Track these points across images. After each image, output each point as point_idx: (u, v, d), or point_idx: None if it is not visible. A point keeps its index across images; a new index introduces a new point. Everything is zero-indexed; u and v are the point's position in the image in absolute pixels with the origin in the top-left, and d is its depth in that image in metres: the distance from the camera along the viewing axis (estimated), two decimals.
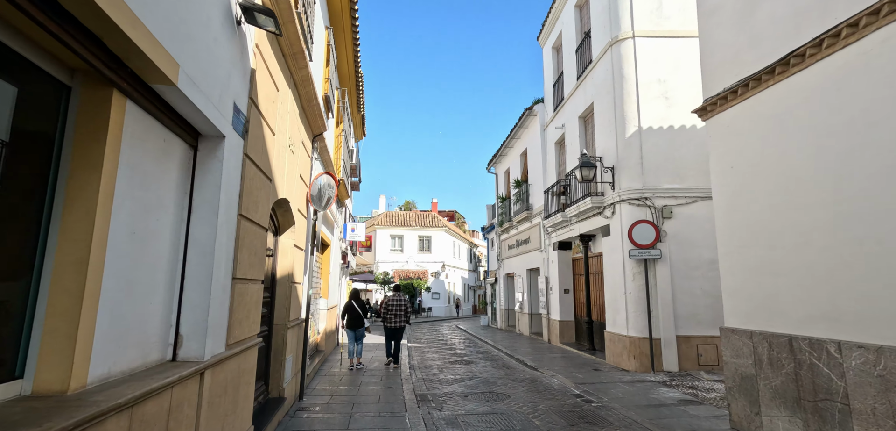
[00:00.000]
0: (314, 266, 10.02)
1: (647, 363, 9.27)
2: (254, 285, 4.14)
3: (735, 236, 5.52)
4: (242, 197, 3.67)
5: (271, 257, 5.81)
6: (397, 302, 10.34)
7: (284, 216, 5.98)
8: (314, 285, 10.19)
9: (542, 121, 16.60)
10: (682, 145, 9.97)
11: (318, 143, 7.88)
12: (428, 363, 11.40)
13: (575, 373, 9.35)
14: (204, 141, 3.17)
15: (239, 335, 3.71)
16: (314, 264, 9.73)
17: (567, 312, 14.52)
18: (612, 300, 10.52)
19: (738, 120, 5.48)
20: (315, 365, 9.30)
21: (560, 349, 13.45)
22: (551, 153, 15.60)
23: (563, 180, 13.63)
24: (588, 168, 10.45)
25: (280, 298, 6.02)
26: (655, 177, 9.91)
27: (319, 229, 7.30)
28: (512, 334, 18.99)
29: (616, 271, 10.34)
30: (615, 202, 10.38)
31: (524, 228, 18.30)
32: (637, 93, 10.19)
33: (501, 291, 22.38)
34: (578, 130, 13.00)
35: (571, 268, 14.77)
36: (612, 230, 10.57)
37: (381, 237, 36.50)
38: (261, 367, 5.51)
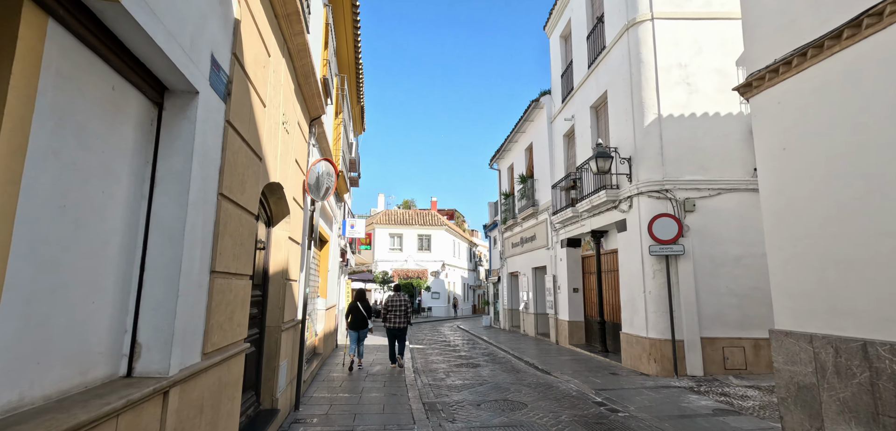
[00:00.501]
0: (312, 263, 9.36)
1: (670, 367, 8.63)
2: (240, 281, 3.48)
3: (788, 226, 4.88)
4: (224, 173, 3.01)
5: (263, 251, 5.14)
6: (398, 302, 9.92)
7: (278, 205, 5.31)
8: (311, 283, 9.53)
9: (549, 113, 15.96)
10: (705, 134, 9.33)
11: (315, 128, 7.22)
12: (432, 366, 10.75)
13: (592, 378, 8.71)
14: (172, 97, 2.51)
15: (220, 342, 3.05)
16: (312, 260, 9.07)
17: (576, 312, 13.89)
18: (629, 300, 9.89)
19: (792, 94, 4.83)
20: (313, 369, 8.64)
21: (570, 351, 12.81)
22: (559, 147, 14.96)
23: (573, 173, 13.00)
24: (604, 159, 9.80)
25: (273, 297, 5.36)
26: (676, 168, 9.28)
27: (317, 222, 6.65)
28: (516, 334, 18.35)
29: (633, 268, 9.70)
30: (632, 195, 9.74)
31: (529, 225, 17.66)
32: (656, 78, 9.56)
33: (505, 290, 21.74)
34: (590, 121, 12.36)
35: (581, 266, 14.14)
36: (629, 225, 9.93)
37: (380, 236, 35.82)
38: (250, 375, 4.84)
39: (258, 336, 5.12)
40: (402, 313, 9.83)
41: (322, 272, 10.72)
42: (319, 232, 9.51)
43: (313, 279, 9.63)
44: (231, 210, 3.19)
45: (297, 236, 6.01)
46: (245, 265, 3.60)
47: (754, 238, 8.94)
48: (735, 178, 9.18)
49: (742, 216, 9.04)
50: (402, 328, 9.84)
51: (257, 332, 5.09)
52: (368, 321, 9.65)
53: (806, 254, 4.65)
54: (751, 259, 8.88)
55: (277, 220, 5.47)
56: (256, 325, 5.07)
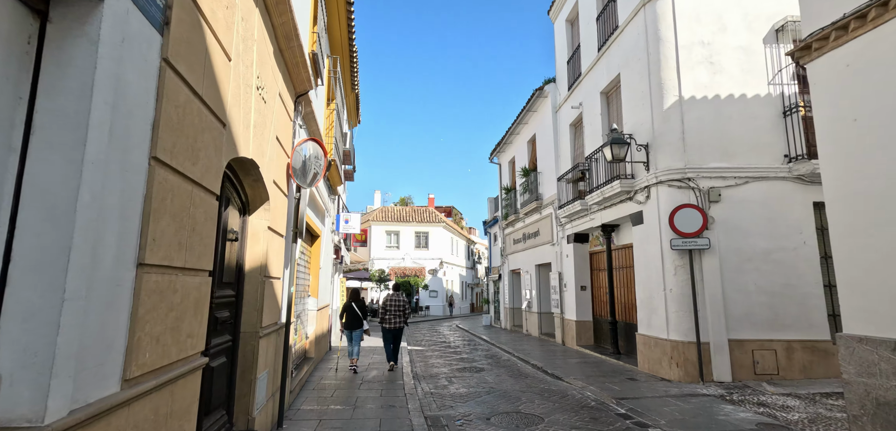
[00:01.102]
0: (301, 259, 8.54)
1: (694, 372, 7.87)
2: (191, 277, 2.67)
3: (861, 211, 4.10)
4: (161, 131, 2.20)
5: (236, 243, 4.33)
6: (395, 302, 9.58)
7: (254, 189, 4.50)
8: (301, 281, 8.71)
9: (555, 102, 15.18)
10: (731, 118, 8.56)
11: (303, 106, 6.40)
12: (433, 370, 9.95)
13: (608, 384, 7.94)
14: (61, 7, 1.69)
15: (155, 361, 2.24)
16: (299, 255, 8.25)
17: (584, 311, 13.12)
18: (647, 299, 9.12)
19: (868, 55, 4.05)
20: (302, 377, 7.83)
21: (578, 352, 12.04)
22: (565, 137, 14.17)
23: (582, 164, 12.23)
24: (619, 145, 9.02)
25: (249, 297, 4.55)
26: (700, 155, 8.51)
27: (304, 210, 5.85)
28: (519, 335, 17.59)
29: (651, 264, 8.93)
30: (650, 185, 8.96)
31: (532, 220, 16.89)
32: (676, 57, 8.78)
33: (506, 288, 20.96)
34: (600, 108, 11.58)
35: (589, 263, 13.37)
36: (646, 217, 9.16)
37: (377, 233, 34.99)
38: (220, 392, 4.03)
39: (230, 344, 4.31)
40: (400, 313, 9.49)
41: (313, 270, 9.91)
42: (309, 225, 8.70)
43: (302, 277, 8.81)
44: (174, 183, 2.38)
45: (279, 226, 5.19)
46: (200, 258, 2.79)
47: (785, 231, 8.19)
48: (763, 165, 8.41)
49: (771, 207, 8.28)
50: (399, 328, 9.51)
51: (229, 339, 4.27)
52: (364, 322, 9.31)
53: (885, 245, 3.87)
54: (781, 254, 8.13)
55: (254, 207, 4.65)
56: (228, 331, 4.25)
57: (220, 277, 3.87)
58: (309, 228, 9.08)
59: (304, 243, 8.97)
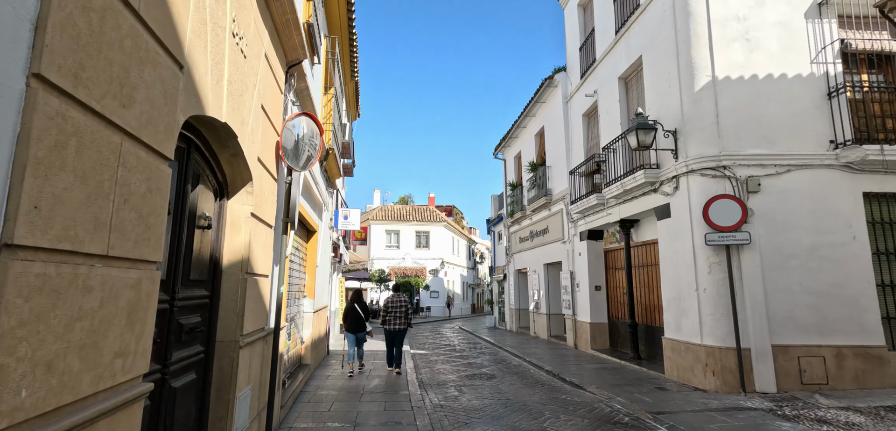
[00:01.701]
0: (295, 256, 7.72)
1: (734, 381, 7.06)
2: (120, 270, 1.86)
3: None
4: (51, 34, 1.39)
5: (208, 231, 3.51)
6: (397, 303, 9.15)
7: (233, 166, 3.68)
8: (295, 281, 7.89)
9: (565, 92, 14.38)
10: (771, 100, 7.76)
11: (295, 79, 5.58)
12: (440, 377, 9.13)
13: (637, 394, 7.13)
14: None
15: (43, 401, 1.42)
16: (293, 251, 7.43)
17: (599, 313, 12.31)
18: (675, 299, 8.31)
19: None
20: (296, 387, 7.01)
21: (594, 357, 11.23)
22: (577, 128, 13.37)
23: (597, 156, 11.43)
24: (645, 131, 8.21)
25: (227, 298, 3.72)
26: (736, 140, 7.70)
27: (297, 198, 5.03)
28: (526, 337, 16.78)
29: (681, 261, 8.13)
30: (680, 174, 8.16)
31: (541, 217, 16.08)
32: (709, 34, 7.97)
33: (511, 289, 20.15)
34: (618, 94, 10.78)
35: (603, 261, 12.56)
36: (675, 210, 8.35)
37: (376, 233, 34.17)
38: (187, 419, 3.21)
39: (202, 357, 3.49)
40: (402, 314, 9.07)
41: (309, 268, 9.08)
42: (304, 219, 7.88)
43: (297, 276, 7.99)
44: (82, 125, 1.56)
45: (266, 214, 4.37)
46: (139, 244, 1.98)
47: (832, 224, 7.40)
48: (807, 152, 7.61)
49: (816, 198, 7.48)
50: (401, 330, 9.05)
51: (200, 351, 3.45)
52: (367, 323, 9.01)
53: None
54: (828, 249, 7.33)
55: (234, 189, 3.83)
56: (199, 340, 3.44)
57: (184, 273, 3.06)
58: (304, 222, 8.27)
59: (298, 239, 8.15)
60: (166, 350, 2.82)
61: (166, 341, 2.82)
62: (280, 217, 4.98)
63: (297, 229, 8.21)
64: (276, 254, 4.96)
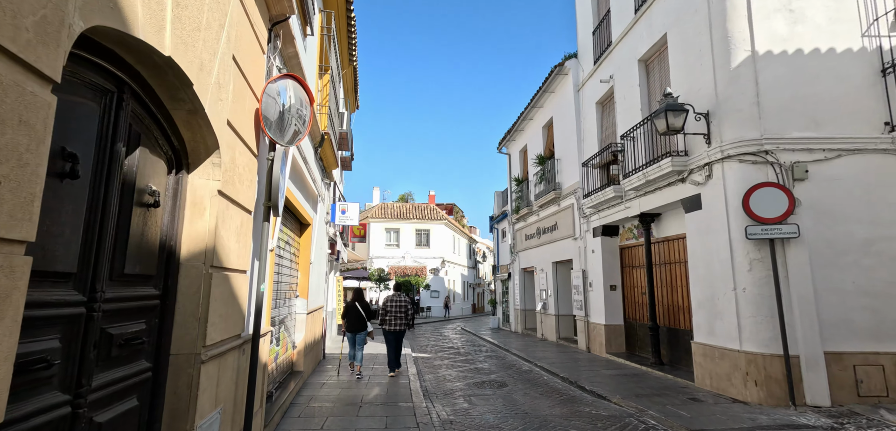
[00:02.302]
0: (285, 250, 6.89)
1: (781, 393, 6.24)
2: None
3: None
4: None
5: (157, 209, 2.68)
6: (397, 303, 8.89)
7: (192, 129, 2.85)
8: (285, 279, 7.06)
9: (577, 80, 13.56)
10: (818, 77, 6.95)
11: (281, 41, 4.76)
12: (446, 385, 8.31)
13: (670, 407, 6.32)
14: None
15: None
16: (282, 244, 6.60)
17: (614, 314, 11.50)
18: (707, 300, 7.49)
19: None
20: (287, 398, 6.19)
21: (610, 362, 10.42)
22: (590, 117, 12.55)
23: (613, 145, 10.61)
24: (675, 113, 7.39)
25: (186, 298, 2.90)
26: (779, 122, 6.89)
27: (281, 179, 4.21)
28: (533, 339, 15.96)
29: (714, 258, 7.31)
30: (713, 161, 7.34)
31: (549, 213, 15.26)
32: (748, 4, 7.15)
33: (516, 288, 19.33)
34: (638, 78, 9.96)
35: (619, 258, 11.75)
36: (707, 202, 7.54)
37: (376, 231, 33.33)
38: None
39: (150, 376, 2.66)
40: (402, 314, 8.85)
41: (302, 265, 8.25)
42: (298, 211, 7.06)
43: (287, 273, 7.16)
44: None
45: (243, 196, 3.55)
46: None
47: (890, 216, 6.58)
48: (860, 135, 6.80)
49: (871, 186, 6.67)
50: (401, 330, 8.82)
51: (147, 369, 2.63)
52: (368, 323, 8.68)
53: None
54: (885, 244, 6.52)
55: (196, 159, 3.01)
56: (145, 355, 2.61)
57: (114, 265, 2.24)
58: (297, 214, 7.45)
59: (290, 232, 7.32)
60: (81, 372, 2.00)
61: (81, 359, 2.00)
62: (261, 201, 4.16)
63: (290, 222, 7.38)
64: (257, 246, 4.14)
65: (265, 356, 4.62)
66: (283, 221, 6.79)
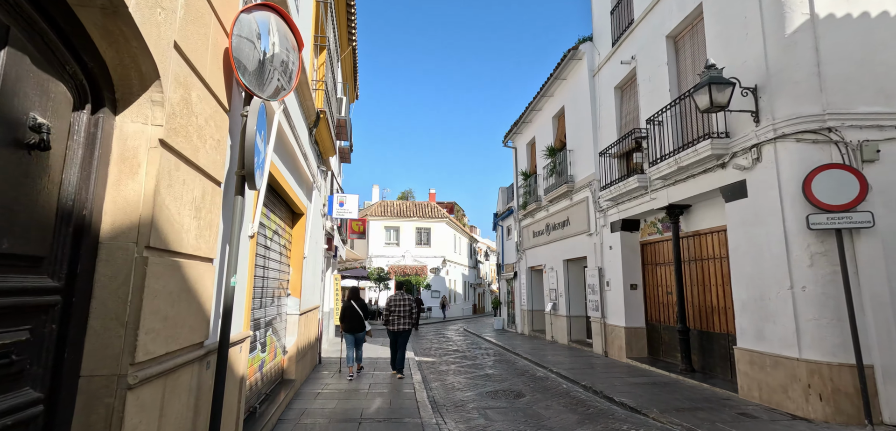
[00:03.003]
0: (274, 240, 5.97)
1: (852, 409, 5.34)
2: None
3: None
4: None
5: (46, 151, 1.76)
6: (401, 302, 8.68)
7: (116, 44, 1.93)
8: (274, 274, 6.13)
9: (592, 64, 12.66)
10: (888, 45, 6.04)
11: None
12: (456, 395, 7.40)
13: (720, 425, 5.41)
14: None
15: None
16: (271, 234, 5.66)
17: (635, 316, 10.59)
18: (755, 300, 6.59)
19: None
20: (274, 413, 5.27)
21: (632, 368, 9.51)
22: (608, 103, 11.65)
23: (636, 131, 9.71)
24: (720, 87, 6.47)
25: (106, 294, 1.98)
26: (844, 96, 5.98)
27: (264, 147, 3.30)
28: (541, 341, 15.05)
29: (764, 252, 6.41)
30: (764, 141, 6.43)
31: (560, 207, 14.35)
32: None
33: (523, 288, 18.42)
34: (665, 56, 9.06)
35: (640, 255, 10.85)
36: (753, 188, 6.64)
37: (375, 229, 32.39)
38: None
39: (41, 409, 1.74)
40: (407, 314, 8.64)
41: (294, 260, 7.32)
42: (287, 193, 6.13)
43: (276, 267, 6.22)
44: None
45: (203, 157, 2.63)
46: None
47: None
48: None
49: None
50: (405, 330, 8.60)
51: (35, 401, 1.71)
52: (366, 323, 8.42)
53: None
54: None
55: (127, 96, 2.09)
56: (31, 380, 1.69)
57: None
58: (289, 200, 6.53)
59: (279, 220, 6.40)
60: None
61: None
62: (234, 169, 3.24)
63: (280, 208, 6.46)
64: (228, 227, 3.21)
65: (242, 367, 3.70)
66: (272, 207, 5.87)
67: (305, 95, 6.50)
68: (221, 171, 2.97)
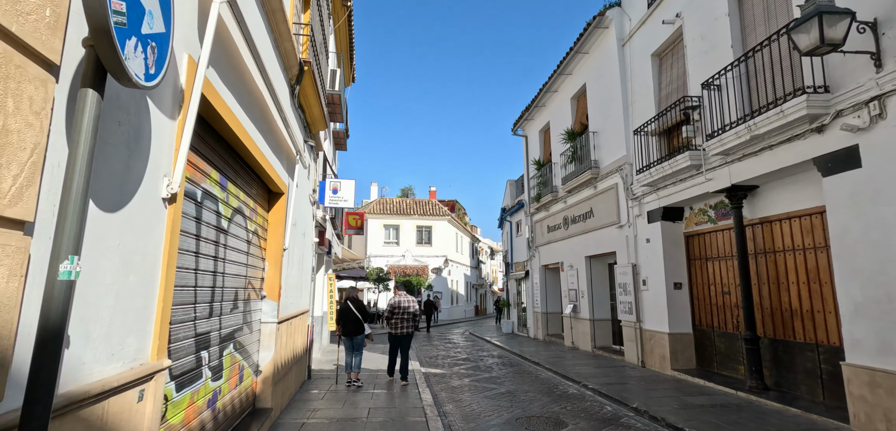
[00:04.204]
0: (236, 224, 4.33)
1: None
2: None
3: None
4: None
5: None
6: (405, 305, 8.13)
7: None
8: (235, 269, 4.49)
9: (621, 32, 11.10)
10: None
11: None
12: (480, 423, 5.77)
13: None
14: None
15: None
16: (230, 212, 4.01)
17: (680, 320, 9.01)
18: (875, 302, 5.01)
19: None
20: None
21: (684, 383, 7.91)
22: (643, 74, 10.08)
23: (685, 100, 8.14)
24: (834, 18, 4.88)
25: None
26: None
27: (202, 63, 1.76)
28: (559, 347, 13.45)
29: (891, 238, 4.83)
30: (889, 93, 4.86)
31: (582, 198, 12.76)
32: None
33: (536, 288, 16.82)
34: (726, 5, 7.51)
35: (684, 249, 9.26)
36: (872, 154, 5.06)
37: (374, 227, 30.74)
38: None
39: None
40: (410, 316, 8.11)
41: (271, 252, 5.67)
42: (255, 159, 4.50)
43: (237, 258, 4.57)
44: None
45: None
46: None
47: None
48: None
49: None
50: (409, 334, 8.11)
51: None
52: (366, 326, 7.81)
53: None
54: None
55: None
56: None
57: None
58: (261, 172, 4.92)
59: (245, 195, 4.77)
60: None
61: None
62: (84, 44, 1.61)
63: (250, 182, 4.84)
64: (75, 166, 1.59)
65: (150, 419, 2.08)
66: (232, 174, 4.25)
67: (282, 33, 4.90)
68: (53, 40, 1.37)
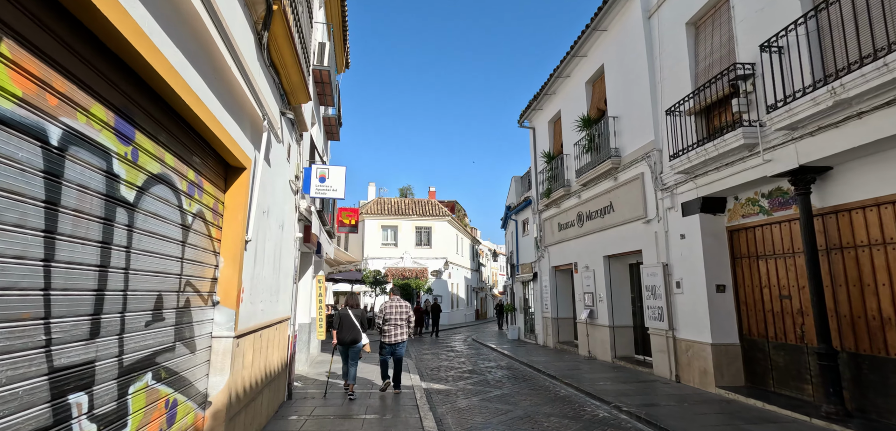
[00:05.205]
0: (166, 202, 2.99)
1: None
2: None
3: None
4: None
5: None
6: (397, 309, 7.80)
7: None
8: (143, 259, 3.18)
9: (647, 3, 9.84)
10: None
11: None
12: None
13: None
14: None
15: None
16: (144, 177, 2.69)
17: (725, 329, 7.72)
18: None
19: None
20: None
21: (736, 405, 6.61)
22: (676, 46, 8.82)
23: (735, 67, 6.87)
24: None
25: None
26: None
27: None
28: (573, 356, 12.15)
29: None
30: None
31: (599, 191, 11.49)
32: None
33: (545, 291, 15.50)
34: None
35: (728, 245, 7.98)
36: None
37: (371, 228, 29.38)
38: None
39: None
40: (404, 322, 7.84)
41: (228, 245, 4.34)
42: (178, 96, 3.20)
43: (171, 251, 3.24)
44: None
45: None
46: None
47: None
48: None
49: None
50: (402, 341, 7.78)
51: None
52: (364, 335, 7.50)
53: None
54: None
55: None
56: None
57: None
58: (207, 133, 3.61)
59: (173, 158, 3.45)
60: None
61: None
62: None
63: (185, 143, 3.54)
64: None
65: None
66: (153, 126, 2.94)
67: None
68: None
